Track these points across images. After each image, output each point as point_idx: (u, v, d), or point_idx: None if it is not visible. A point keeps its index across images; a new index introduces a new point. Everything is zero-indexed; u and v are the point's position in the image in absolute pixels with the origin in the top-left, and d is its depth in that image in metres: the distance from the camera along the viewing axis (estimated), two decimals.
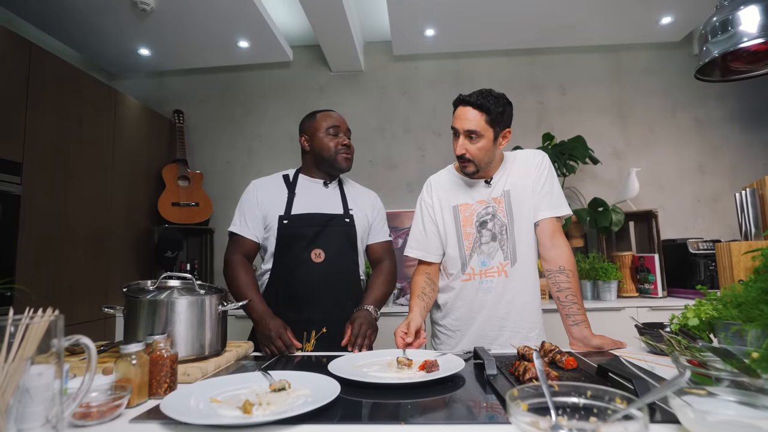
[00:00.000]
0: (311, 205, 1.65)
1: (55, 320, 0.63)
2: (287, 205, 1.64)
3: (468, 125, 1.40)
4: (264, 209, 1.64)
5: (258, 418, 0.73)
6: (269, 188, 1.69)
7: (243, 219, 1.65)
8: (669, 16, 3.01)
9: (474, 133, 1.40)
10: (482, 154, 1.43)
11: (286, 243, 1.61)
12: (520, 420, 0.57)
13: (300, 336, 1.48)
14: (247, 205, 1.66)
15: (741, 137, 3.35)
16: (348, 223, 1.67)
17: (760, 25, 1.21)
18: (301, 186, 1.70)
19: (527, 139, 3.35)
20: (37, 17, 2.83)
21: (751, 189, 1.37)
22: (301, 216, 1.62)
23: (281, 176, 1.74)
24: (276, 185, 1.70)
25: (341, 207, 1.69)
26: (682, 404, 0.64)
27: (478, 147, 1.42)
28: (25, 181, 2.25)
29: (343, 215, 1.67)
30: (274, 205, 1.64)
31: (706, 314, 1.03)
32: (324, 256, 1.60)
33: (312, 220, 1.62)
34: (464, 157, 1.44)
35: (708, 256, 2.74)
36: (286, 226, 1.61)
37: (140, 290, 1.18)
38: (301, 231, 1.61)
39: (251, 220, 1.64)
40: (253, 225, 1.64)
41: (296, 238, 1.61)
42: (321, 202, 1.67)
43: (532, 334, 1.50)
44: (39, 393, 0.61)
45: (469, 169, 1.46)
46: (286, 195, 1.67)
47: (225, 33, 3.07)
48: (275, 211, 1.63)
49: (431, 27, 3.11)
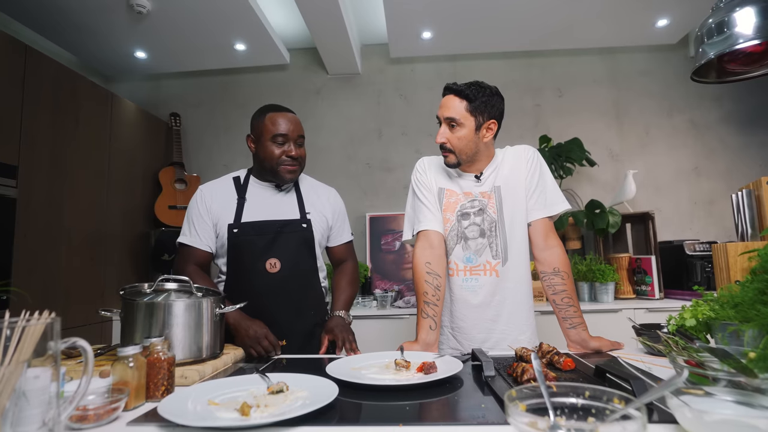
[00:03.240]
0: (263, 211, 1.54)
1: (52, 323, 0.63)
2: (237, 212, 1.53)
3: (448, 112, 1.39)
4: (214, 217, 1.53)
5: (256, 420, 0.72)
6: (218, 193, 1.57)
7: (192, 229, 1.53)
8: (665, 19, 3.03)
9: (454, 121, 1.39)
10: (462, 144, 1.40)
11: (238, 253, 1.51)
12: (519, 420, 0.57)
13: None
14: (195, 215, 1.54)
15: (737, 139, 3.37)
16: (305, 228, 1.56)
17: (755, 26, 1.22)
18: (252, 191, 1.58)
19: (524, 141, 3.32)
20: (33, 20, 2.83)
21: (748, 190, 1.38)
22: (252, 224, 1.51)
23: (231, 179, 1.61)
24: (225, 190, 1.58)
25: (297, 211, 1.58)
26: (680, 404, 0.64)
27: (458, 136, 1.39)
28: (21, 185, 2.24)
29: (300, 220, 1.56)
30: (225, 211, 1.53)
31: (703, 315, 1.04)
32: (280, 265, 1.51)
33: (264, 227, 1.51)
34: (445, 147, 1.42)
35: (704, 258, 2.75)
36: (236, 235, 1.50)
37: (137, 293, 1.18)
38: (253, 240, 1.50)
39: (201, 230, 1.53)
40: (204, 234, 1.53)
41: (248, 247, 1.50)
42: (274, 207, 1.56)
43: (522, 336, 1.46)
44: (35, 396, 0.61)
45: (449, 159, 1.44)
46: (236, 201, 1.55)
47: (222, 35, 3.07)
48: (225, 218, 1.52)
49: (428, 30, 3.12)
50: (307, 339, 1.55)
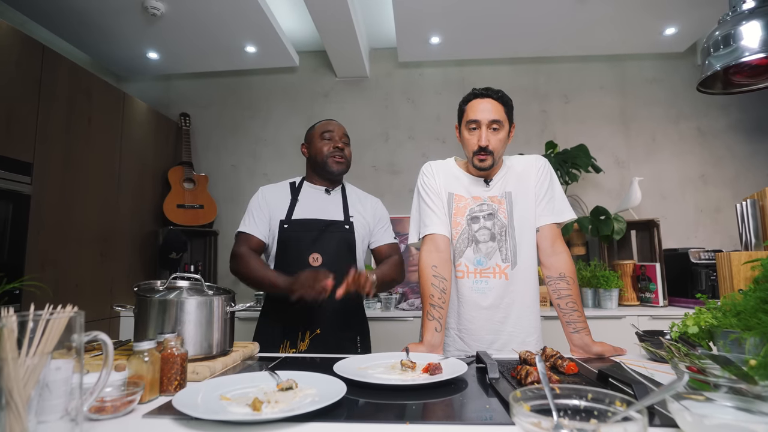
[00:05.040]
0: (312, 210, 1.72)
1: (75, 316, 0.65)
2: (289, 209, 1.71)
3: (492, 115, 1.43)
4: (270, 212, 1.71)
5: (268, 416, 0.74)
6: (276, 193, 1.76)
7: (252, 219, 1.71)
8: (673, 27, 3.04)
9: (497, 123, 1.43)
10: (501, 146, 1.46)
11: (286, 246, 1.68)
12: (524, 420, 0.59)
13: (294, 336, 1.58)
14: (255, 208, 1.73)
15: (744, 147, 3.37)
16: (347, 230, 1.72)
17: (761, 40, 1.24)
18: (305, 192, 1.77)
19: (530, 147, 3.37)
20: (50, 20, 2.88)
21: (752, 200, 1.39)
22: (301, 221, 1.69)
23: (288, 183, 1.81)
24: (282, 191, 1.78)
25: (342, 213, 1.75)
26: (681, 408, 0.66)
27: (499, 138, 1.44)
28: (35, 181, 2.29)
29: (343, 222, 1.73)
30: (279, 209, 1.71)
31: (706, 322, 1.05)
32: (322, 260, 1.65)
33: (311, 225, 1.69)
34: (486, 149, 1.43)
35: (709, 266, 2.75)
36: (286, 230, 1.68)
37: (150, 290, 1.21)
38: (300, 235, 1.67)
39: (259, 221, 1.70)
40: (261, 225, 1.70)
41: (295, 241, 1.67)
42: (322, 208, 1.73)
43: (530, 338, 1.49)
44: (58, 387, 0.63)
45: (487, 162, 1.45)
46: (290, 200, 1.74)
47: (232, 38, 3.11)
48: (278, 215, 1.70)
49: (436, 35, 3.15)
50: (341, 330, 1.67)
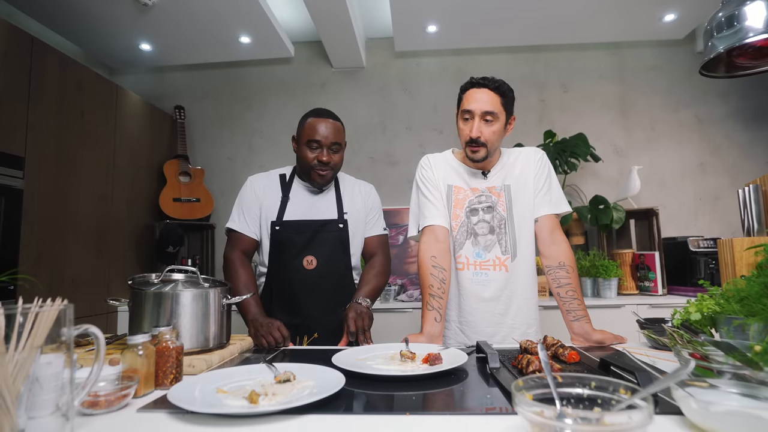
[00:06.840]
0: (304, 210, 1.64)
1: (65, 309, 0.64)
2: (280, 210, 1.63)
3: (486, 106, 1.39)
4: (261, 205, 1.64)
5: (264, 408, 0.73)
6: (266, 187, 1.67)
7: (242, 215, 1.64)
8: (672, 14, 3.01)
9: (491, 115, 1.40)
10: (495, 138, 1.42)
11: (279, 249, 1.61)
12: (526, 410, 0.58)
13: (293, 340, 1.51)
14: (245, 202, 1.65)
15: (743, 135, 3.36)
16: (341, 228, 1.65)
17: (766, 20, 1.21)
18: (295, 190, 1.68)
19: (529, 136, 3.35)
20: (39, 11, 2.83)
21: (755, 185, 1.38)
22: (293, 223, 1.61)
23: (278, 175, 1.71)
24: (273, 185, 1.68)
25: (335, 211, 1.67)
26: (685, 395, 0.65)
27: (493, 130, 1.41)
28: (28, 176, 2.25)
29: (337, 220, 1.66)
30: (270, 206, 1.63)
31: (709, 309, 1.04)
32: (316, 262, 1.60)
33: (304, 226, 1.61)
34: (478, 141, 1.41)
35: (708, 254, 2.75)
36: (278, 232, 1.61)
37: (145, 283, 1.19)
38: (293, 238, 1.60)
39: (250, 217, 1.63)
40: (252, 222, 1.63)
41: (288, 244, 1.60)
42: (314, 207, 1.66)
43: (531, 330, 1.49)
44: (49, 382, 0.61)
45: (480, 154, 1.43)
46: (280, 198, 1.65)
47: (226, 28, 3.07)
48: (269, 212, 1.63)
49: (433, 23, 3.11)
50: (338, 334, 1.58)
